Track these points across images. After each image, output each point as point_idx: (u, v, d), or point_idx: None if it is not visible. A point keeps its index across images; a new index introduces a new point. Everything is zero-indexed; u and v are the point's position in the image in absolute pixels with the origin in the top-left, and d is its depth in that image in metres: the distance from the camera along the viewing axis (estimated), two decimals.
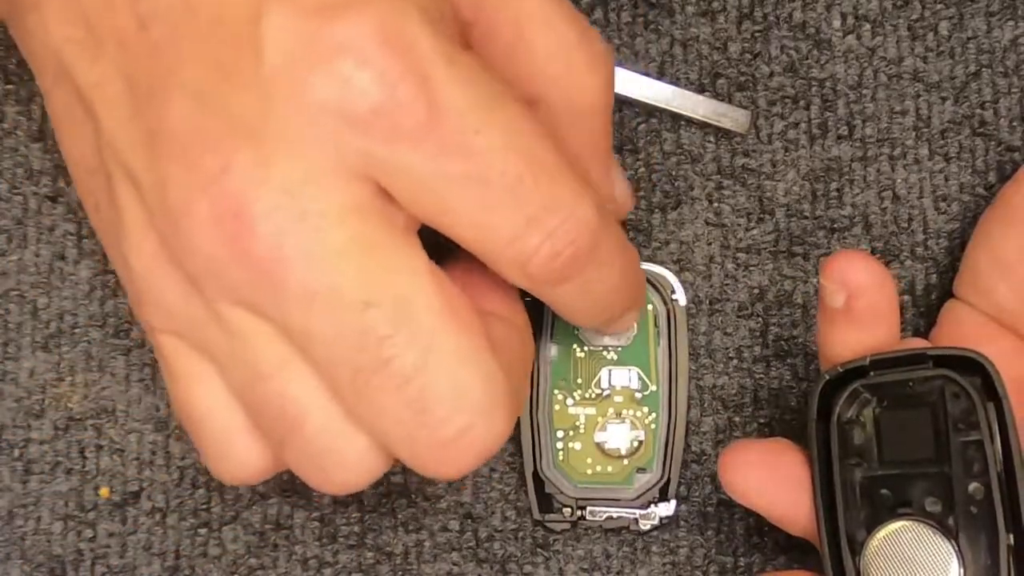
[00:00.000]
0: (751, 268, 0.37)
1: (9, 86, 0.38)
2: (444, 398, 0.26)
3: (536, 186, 0.26)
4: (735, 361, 0.37)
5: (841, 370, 0.31)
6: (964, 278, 0.35)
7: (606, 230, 0.28)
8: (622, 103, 0.38)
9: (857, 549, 0.30)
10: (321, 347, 0.26)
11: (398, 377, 0.26)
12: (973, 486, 0.30)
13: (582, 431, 0.36)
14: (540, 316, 0.36)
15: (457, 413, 0.27)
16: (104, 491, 0.36)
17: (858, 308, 0.30)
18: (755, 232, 0.37)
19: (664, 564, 0.36)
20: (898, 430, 0.31)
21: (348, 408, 0.27)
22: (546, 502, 0.36)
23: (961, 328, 0.34)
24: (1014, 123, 0.38)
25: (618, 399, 0.36)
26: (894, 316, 0.31)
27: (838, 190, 0.37)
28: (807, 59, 0.38)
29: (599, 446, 0.36)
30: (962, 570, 0.30)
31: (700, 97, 0.37)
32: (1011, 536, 0.30)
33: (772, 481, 0.31)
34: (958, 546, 0.30)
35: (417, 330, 0.26)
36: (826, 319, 0.31)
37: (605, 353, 0.36)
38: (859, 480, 0.31)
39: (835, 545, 0.30)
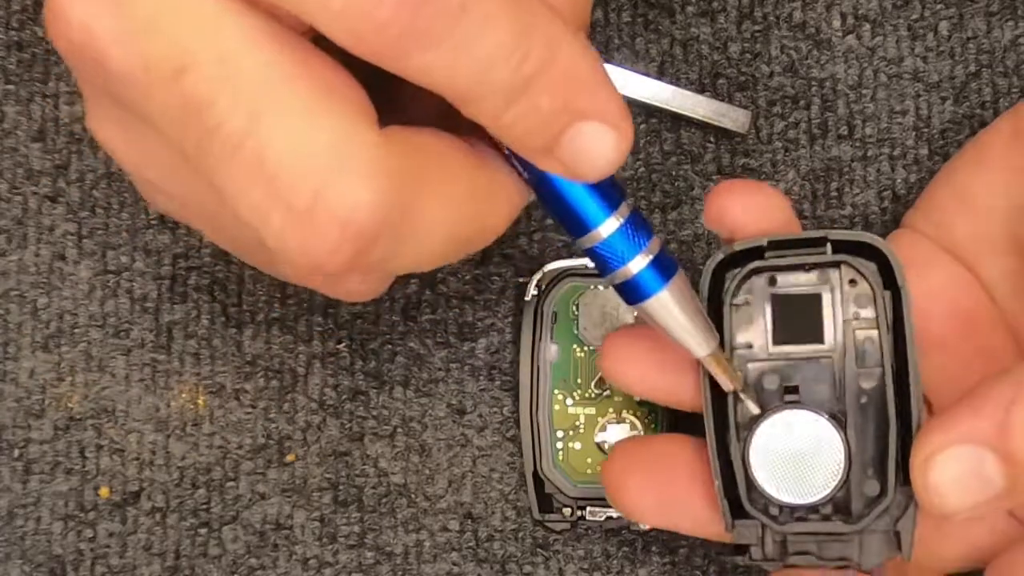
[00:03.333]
0: None
1: (9, 86, 0.38)
2: (286, 161, 0.23)
3: None
4: None
5: (737, 249, 0.30)
6: (920, 210, 0.35)
7: None
8: None
9: (744, 436, 0.30)
10: (169, 133, 0.24)
11: (229, 143, 0.23)
12: (864, 375, 0.30)
13: (582, 431, 0.36)
14: (541, 319, 0.36)
15: (304, 175, 0.23)
16: (104, 491, 0.36)
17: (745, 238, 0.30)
18: None
19: (664, 564, 0.36)
20: (791, 315, 0.30)
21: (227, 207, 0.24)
22: (546, 502, 0.36)
23: (911, 252, 0.34)
24: None
25: (618, 399, 0.36)
26: (789, 229, 0.31)
27: (838, 190, 0.37)
28: (807, 59, 0.38)
29: (599, 446, 0.36)
30: (848, 460, 0.29)
31: (700, 97, 0.37)
32: (899, 426, 0.29)
33: (652, 369, 0.31)
34: (846, 435, 0.29)
35: (242, 89, 0.23)
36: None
37: None
38: (749, 365, 0.30)
39: (722, 431, 0.30)
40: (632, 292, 0.28)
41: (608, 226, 0.27)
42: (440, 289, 0.37)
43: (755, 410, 0.30)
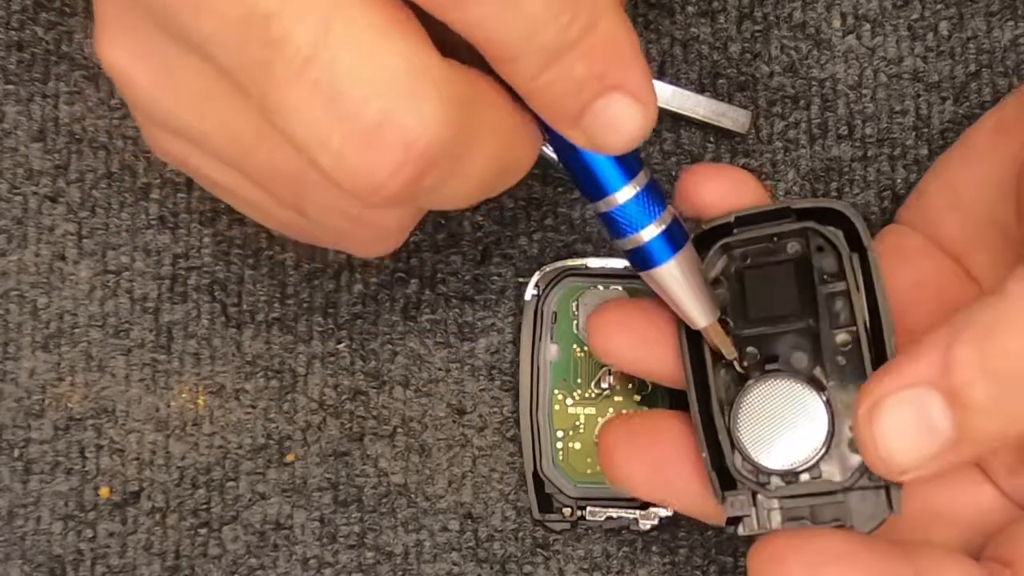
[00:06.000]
0: None
1: (9, 86, 0.38)
2: (354, 77, 0.22)
3: None
4: None
5: (706, 228, 0.30)
6: (912, 206, 0.35)
7: None
8: None
9: (727, 408, 0.30)
10: (221, 54, 0.23)
11: (297, 58, 0.22)
12: (840, 337, 0.30)
13: (582, 431, 0.36)
14: (541, 319, 0.36)
15: (374, 94, 0.23)
16: (104, 491, 0.36)
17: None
18: None
19: (664, 564, 0.36)
20: (764, 286, 0.31)
21: (278, 129, 0.24)
22: (546, 502, 0.36)
23: (901, 245, 0.34)
24: None
25: (618, 399, 0.36)
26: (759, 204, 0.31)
27: (838, 190, 0.37)
28: (807, 59, 0.38)
29: (599, 446, 0.36)
30: (831, 421, 0.30)
31: (700, 97, 0.37)
32: None
33: (635, 341, 0.31)
34: (827, 397, 0.30)
35: (311, 3, 0.22)
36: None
37: None
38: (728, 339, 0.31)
39: (705, 405, 0.30)
40: (642, 259, 0.28)
41: (625, 193, 0.27)
42: (440, 289, 0.37)
43: (749, 379, 0.30)
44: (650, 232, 0.28)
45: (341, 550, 0.36)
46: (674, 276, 0.28)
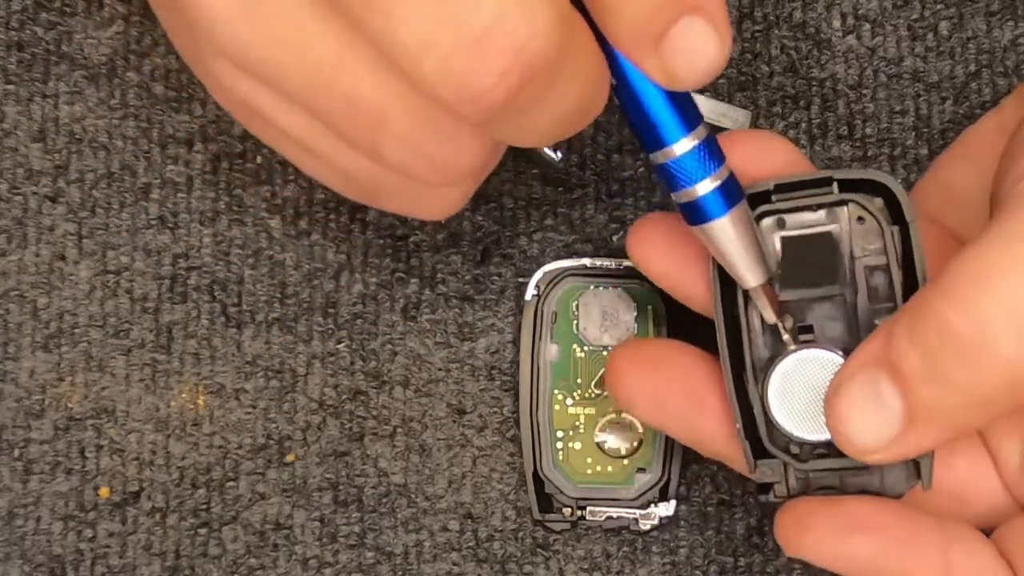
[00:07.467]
0: None
1: (9, 86, 0.38)
2: None
3: None
4: None
5: (745, 194, 0.30)
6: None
7: None
8: None
9: (760, 376, 0.30)
10: None
11: None
12: (877, 311, 0.30)
13: (582, 431, 0.36)
14: (541, 319, 0.36)
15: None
16: (104, 491, 0.36)
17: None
18: None
19: (664, 564, 0.36)
20: (802, 255, 0.30)
21: (374, 44, 0.24)
22: (546, 502, 0.36)
23: None
24: None
25: None
26: (796, 170, 0.31)
27: None
28: (807, 59, 0.38)
29: (599, 446, 0.36)
30: None
31: (700, 97, 0.37)
32: None
33: (674, 257, 0.31)
34: None
35: None
36: None
37: (605, 353, 0.36)
38: None
39: (738, 371, 0.30)
40: (694, 213, 0.28)
41: (683, 145, 0.28)
42: (440, 289, 0.37)
43: (791, 345, 0.30)
44: (705, 186, 0.28)
45: (341, 550, 0.36)
46: (727, 232, 0.28)
